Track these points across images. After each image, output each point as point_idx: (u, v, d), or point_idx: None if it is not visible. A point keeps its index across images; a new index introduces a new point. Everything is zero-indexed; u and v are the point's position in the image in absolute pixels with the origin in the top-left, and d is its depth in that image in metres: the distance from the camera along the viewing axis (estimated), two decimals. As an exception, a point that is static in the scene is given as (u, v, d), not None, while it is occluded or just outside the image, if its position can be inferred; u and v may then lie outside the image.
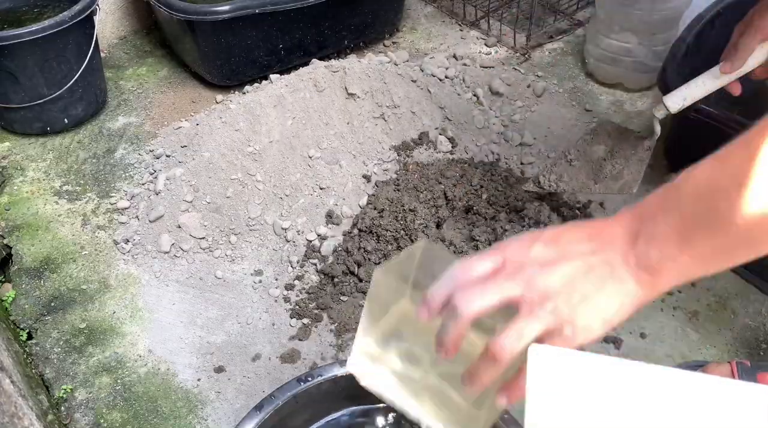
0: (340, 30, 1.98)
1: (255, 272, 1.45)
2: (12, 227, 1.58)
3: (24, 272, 1.48)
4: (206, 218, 1.51)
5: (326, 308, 1.37)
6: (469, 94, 1.81)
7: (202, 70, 1.93)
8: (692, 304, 1.36)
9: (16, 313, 1.40)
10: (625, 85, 1.89)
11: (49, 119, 1.79)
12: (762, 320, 1.33)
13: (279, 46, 1.90)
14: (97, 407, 1.24)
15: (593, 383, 0.56)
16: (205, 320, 1.38)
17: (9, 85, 1.70)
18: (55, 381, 1.28)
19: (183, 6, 1.75)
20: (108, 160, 1.75)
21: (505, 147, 1.70)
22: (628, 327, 1.32)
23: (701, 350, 1.29)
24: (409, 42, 2.14)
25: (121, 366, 1.30)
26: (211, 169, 1.55)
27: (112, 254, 1.51)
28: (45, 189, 1.67)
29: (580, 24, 2.15)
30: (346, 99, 1.65)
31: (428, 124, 1.70)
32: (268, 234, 1.49)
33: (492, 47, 2.07)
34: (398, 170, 1.60)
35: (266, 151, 1.56)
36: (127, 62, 2.10)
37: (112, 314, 1.39)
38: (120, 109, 1.92)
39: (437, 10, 2.27)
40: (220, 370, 1.29)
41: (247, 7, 1.75)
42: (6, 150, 1.79)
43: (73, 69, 1.74)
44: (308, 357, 1.30)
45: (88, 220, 1.59)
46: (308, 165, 1.56)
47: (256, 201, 1.51)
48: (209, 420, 1.21)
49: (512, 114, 1.79)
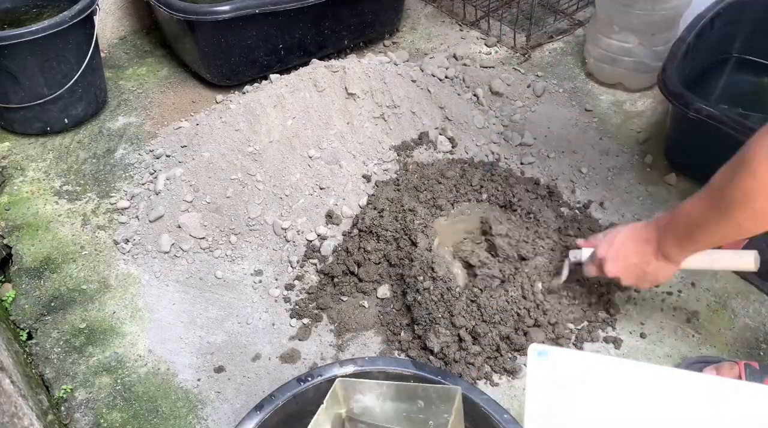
0: (340, 30, 1.98)
1: (255, 272, 1.45)
2: (12, 227, 1.58)
3: (24, 272, 1.48)
4: (206, 218, 1.51)
5: (326, 308, 1.37)
6: (469, 94, 1.81)
7: (202, 70, 1.93)
8: (692, 304, 1.36)
9: (16, 313, 1.40)
10: (625, 85, 1.89)
11: (49, 119, 1.80)
12: (762, 320, 1.33)
13: (279, 46, 1.90)
14: (97, 407, 1.24)
15: (593, 383, 0.56)
16: (205, 320, 1.38)
17: (9, 85, 1.70)
18: (55, 381, 1.28)
19: (183, 6, 1.75)
20: (108, 160, 1.75)
21: (505, 147, 1.70)
22: (628, 327, 1.32)
23: (701, 350, 1.29)
24: (409, 42, 2.14)
25: (121, 366, 1.30)
26: (211, 169, 1.55)
27: (112, 254, 1.51)
28: (45, 189, 1.67)
29: (580, 24, 2.15)
30: (346, 99, 1.65)
31: (428, 124, 1.70)
32: (268, 234, 1.49)
33: (492, 47, 2.07)
34: (398, 170, 1.60)
35: (266, 151, 1.56)
36: (127, 62, 2.10)
37: (112, 314, 1.39)
38: (120, 109, 1.92)
39: (437, 10, 2.27)
40: (220, 370, 1.29)
41: (247, 7, 1.75)
42: (6, 150, 1.79)
43: (73, 69, 1.74)
44: (308, 357, 1.30)
45: (88, 220, 1.59)
46: (308, 165, 1.56)
47: (256, 201, 1.51)
48: (209, 420, 1.21)
49: (512, 114, 1.79)
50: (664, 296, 1.37)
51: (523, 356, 1.28)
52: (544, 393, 0.56)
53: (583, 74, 1.96)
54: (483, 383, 1.24)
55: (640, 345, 1.30)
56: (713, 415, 0.53)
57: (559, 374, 0.56)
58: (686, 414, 0.53)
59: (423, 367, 1.03)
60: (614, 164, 1.67)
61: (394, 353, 1.30)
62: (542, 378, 0.56)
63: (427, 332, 1.26)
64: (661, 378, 0.55)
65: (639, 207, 1.56)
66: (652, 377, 0.55)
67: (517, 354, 1.26)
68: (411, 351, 1.28)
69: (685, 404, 0.54)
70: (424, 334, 1.27)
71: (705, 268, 1.26)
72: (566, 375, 0.56)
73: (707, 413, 0.53)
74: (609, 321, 1.33)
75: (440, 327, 1.25)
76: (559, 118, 1.81)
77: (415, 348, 1.28)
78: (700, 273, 1.40)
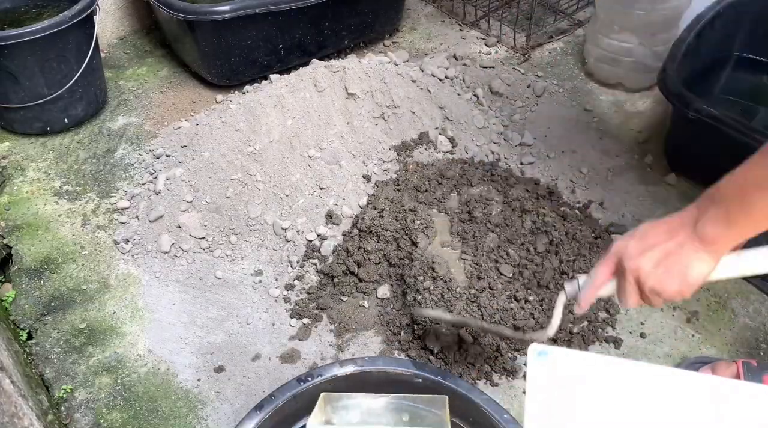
0: (340, 30, 1.98)
1: (255, 272, 1.45)
2: (12, 227, 1.58)
3: (24, 272, 1.48)
4: (206, 218, 1.51)
5: (326, 308, 1.37)
6: (469, 95, 1.81)
7: (202, 70, 1.93)
8: (692, 304, 1.36)
9: (16, 313, 1.40)
10: (625, 85, 1.89)
11: (49, 119, 1.79)
12: (762, 320, 1.33)
13: (279, 46, 1.90)
14: (97, 407, 1.24)
15: (593, 382, 0.56)
16: (205, 320, 1.38)
17: (9, 85, 1.70)
18: (55, 381, 1.28)
19: (183, 6, 1.75)
20: (108, 160, 1.75)
21: (505, 147, 1.70)
22: (628, 327, 1.32)
23: (701, 350, 1.29)
24: (409, 42, 2.14)
25: (121, 366, 1.30)
26: (211, 169, 1.55)
27: (112, 254, 1.51)
28: (45, 189, 1.67)
29: (580, 24, 2.15)
30: (346, 99, 1.65)
31: (428, 124, 1.70)
32: (268, 234, 1.49)
33: (492, 47, 2.07)
34: (398, 170, 1.60)
35: (266, 151, 1.56)
36: (127, 62, 2.10)
37: (112, 314, 1.39)
38: (120, 109, 1.92)
39: (437, 10, 2.27)
40: (220, 370, 1.29)
41: (247, 7, 1.75)
42: (6, 150, 1.79)
43: (73, 69, 1.74)
44: (308, 357, 1.30)
45: (88, 220, 1.59)
46: (308, 165, 1.56)
47: (256, 201, 1.51)
48: (209, 420, 1.21)
49: (512, 114, 1.79)
50: (664, 296, 1.37)
51: (523, 356, 1.28)
52: (544, 393, 0.56)
53: (583, 74, 1.96)
54: (483, 383, 1.24)
55: (640, 345, 1.30)
56: (713, 415, 0.53)
57: (559, 374, 0.56)
58: (686, 414, 0.53)
59: (423, 367, 1.03)
60: (614, 164, 1.67)
61: (394, 353, 1.30)
62: (542, 378, 0.56)
63: (428, 332, 1.26)
64: (661, 378, 0.55)
65: (639, 207, 1.56)
66: (652, 377, 0.55)
67: (517, 354, 1.26)
68: (411, 351, 1.28)
69: (685, 404, 0.54)
70: (424, 334, 1.27)
71: (736, 274, 1.06)
72: (566, 375, 0.56)
73: (707, 413, 0.53)
74: (609, 321, 1.33)
75: (440, 327, 1.25)
76: (559, 118, 1.81)
77: (415, 348, 1.28)
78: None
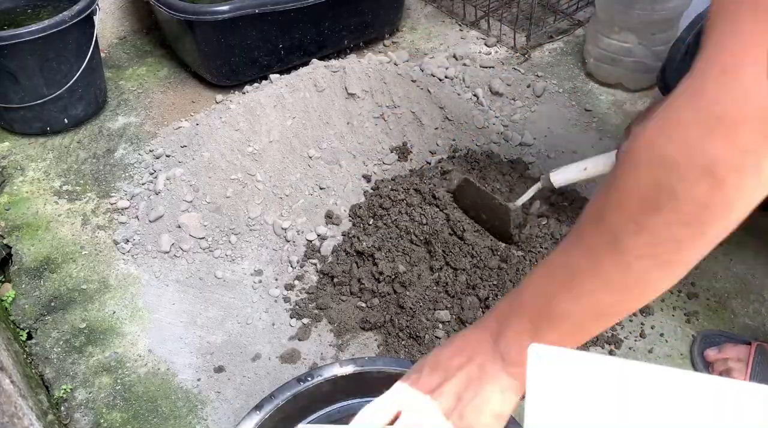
0: (340, 30, 1.98)
1: (255, 272, 1.45)
2: (12, 227, 1.58)
3: (24, 272, 1.48)
4: (206, 218, 1.51)
5: (326, 308, 1.37)
6: (469, 94, 1.81)
7: (202, 70, 1.93)
8: (692, 304, 1.36)
9: (16, 313, 1.40)
10: (625, 85, 1.89)
11: (49, 119, 1.79)
12: (762, 320, 1.33)
13: (279, 46, 1.90)
14: (97, 407, 1.24)
15: (593, 383, 0.56)
16: (205, 320, 1.38)
17: (9, 85, 1.70)
18: (55, 381, 1.28)
19: (183, 6, 1.75)
20: (108, 160, 1.75)
21: (505, 147, 1.70)
22: (628, 327, 1.32)
23: (701, 350, 1.29)
24: (409, 42, 2.14)
25: (121, 366, 1.30)
26: (211, 169, 1.55)
27: (112, 254, 1.51)
28: (45, 189, 1.67)
29: (580, 24, 2.15)
30: (346, 99, 1.65)
31: (428, 124, 1.70)
32: (268, 234, 1.49)
33: (492, 47, 2.07)
34: (398, 170, 1.60)
35: (266, 151, 1.56)
36: (127, 62, 2.10)
37: (112, 314, 1.39)
38: (120, 109, 1.92)
39: (437, 10, 2.27)
40: (220, 370, 1.29)
41: (247, 7, 1.75)
42: (6, 150, 1.79)
43: (73, 69, 1.74)
44: (308, 357, 1.30)
45: (88, 220, 1.59)
46: (308, 165, 1.56)
47: (256, 201, 1.51)
48: (209, 420, 1.21)
49: (512, 114, 1.79)
50: (665, 296, 1.37)
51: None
52: (544, 393, 0.56)
53: (583, 74, 1.96)
54: (483, 383, 1.23)
55: (640, 345, 1.30)
56: (714, 415, 0.53)
57: (559, 374, 0.56)
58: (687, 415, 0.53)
59: (423, 367, 1.02)
60: (614, 164, 1.67)
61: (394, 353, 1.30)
62: (542, 378, 0.56)
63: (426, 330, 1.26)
64: (661, 378, 0.55)
65: (639, 207, 1.55)
66: (652, 377, 0.55)
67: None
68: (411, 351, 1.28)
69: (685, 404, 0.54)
70: (424, 333, 1.27)
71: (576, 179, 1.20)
72: (566, 375, 0.56)
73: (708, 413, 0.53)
74: (609, 321, 1.32)
75: (439, 326, 1.25)
76: (559, 118, 1.81)
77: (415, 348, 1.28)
78: (700, 273, 1.40)
